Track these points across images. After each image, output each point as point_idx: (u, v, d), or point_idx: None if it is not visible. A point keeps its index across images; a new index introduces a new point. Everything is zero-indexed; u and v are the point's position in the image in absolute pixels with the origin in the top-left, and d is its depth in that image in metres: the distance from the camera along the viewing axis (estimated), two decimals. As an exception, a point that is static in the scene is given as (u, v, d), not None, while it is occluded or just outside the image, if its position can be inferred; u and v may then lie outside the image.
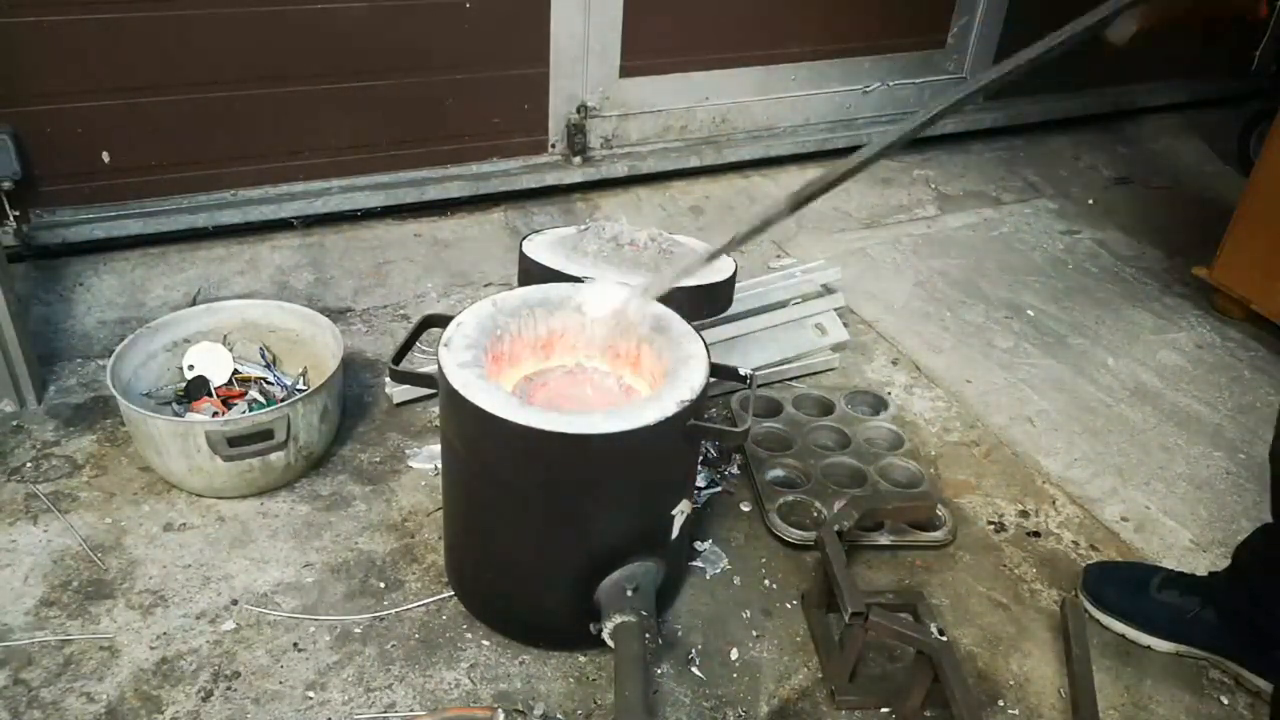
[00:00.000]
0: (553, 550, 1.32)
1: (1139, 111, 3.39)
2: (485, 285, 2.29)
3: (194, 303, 2.03)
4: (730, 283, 1.58)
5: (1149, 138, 3.34)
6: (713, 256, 1.31)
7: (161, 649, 1.36)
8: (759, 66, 2.73)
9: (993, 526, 1.70)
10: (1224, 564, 1.68)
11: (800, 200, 1.14)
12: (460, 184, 2.43)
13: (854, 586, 1.32)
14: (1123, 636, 1.52)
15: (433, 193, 2.41)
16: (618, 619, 1.25)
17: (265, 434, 1.54)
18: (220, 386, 1.73)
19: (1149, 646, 1.50)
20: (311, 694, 1.32)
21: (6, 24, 1.86)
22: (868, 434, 1.85)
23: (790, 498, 1.67)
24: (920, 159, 3.01)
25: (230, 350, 1.78)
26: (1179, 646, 1.49)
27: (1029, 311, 2.36)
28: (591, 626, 1.29)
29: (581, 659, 1.39)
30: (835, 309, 2.13)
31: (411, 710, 1.30)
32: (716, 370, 1.35)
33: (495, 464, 1.27)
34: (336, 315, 2.09)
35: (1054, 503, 1.77)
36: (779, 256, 2.47)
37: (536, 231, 1.71)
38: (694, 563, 1.56)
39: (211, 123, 2.12)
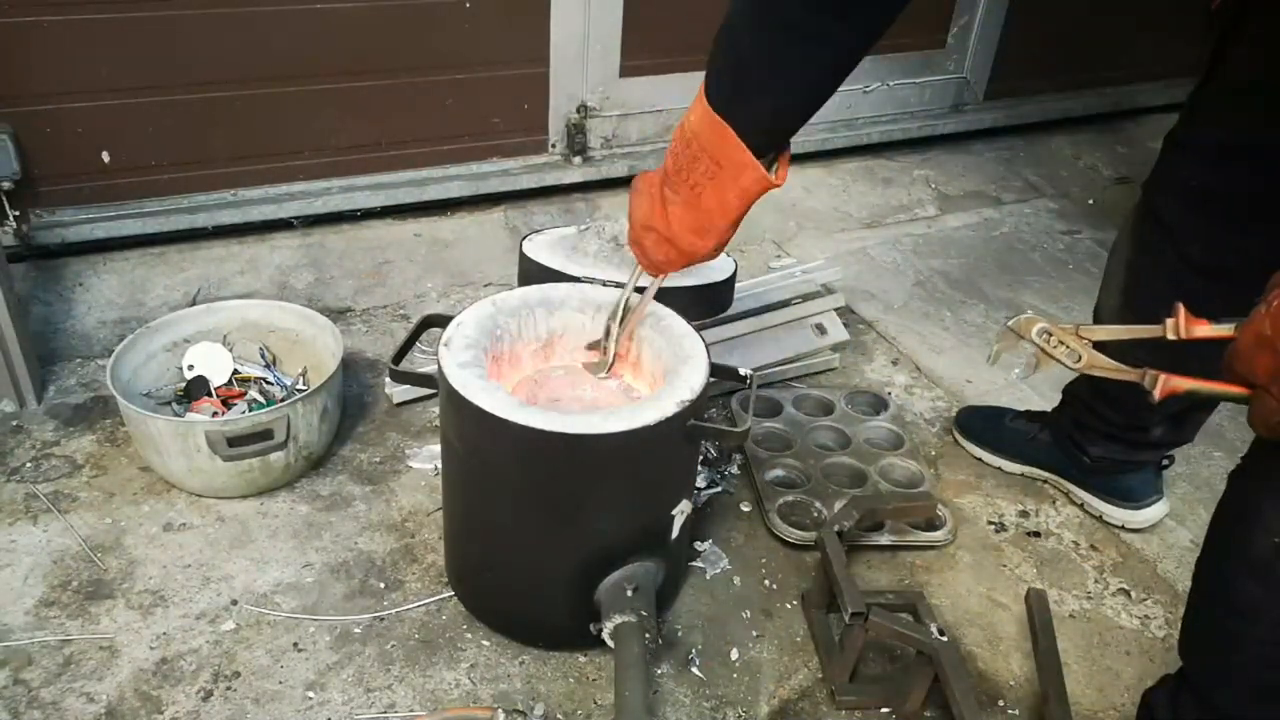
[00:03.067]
0: (553, 550, 1.32)
1: (1139, 111, 3.39)
2: (485, 285, 2.29)
3: (194, 303, 2.03)
4: (730, 283, 1.58)
5: (1149, 138, 3.33)
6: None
7: (161, 649, 1.36)
8: (759, 66, 2.73)
9: (993, 526, 1.70)
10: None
11: None
12: (460, 184, 2.43)
13: (854, 586, 1.32)
14: (980, 460, 1.84)
15: (433, 193, 2.40)
16: (618, 619, 1.25)
17: (265, 434, 1.54)
18: (220, 386, 1.73)
19: (999, 467, 1.81)
20: (311, 694, 1.32)
21: (6, 24, 1.86)
22: (868, 434, 1.85)
23: (790, 498, 1.67)
24: (920, 159, 3.01)
25: (230, 350, 1.77)
26: (1023, 467, 1.80)
27: (1029, 312, 2.35)
28: (591, 626, 1.29)
29: (581, 659, 1.39)
30: (835, 309, 2.13)
31: (411, 710, 1.30)
32: (716, 370, 1.35)
33: (495, 464, 1.27)
34: (336, 315, 2.09)
35: (1054, 503, 1.76)
36: (779, 256, 2.47)
37: (536, 231, 1.71)
38: (694, 563, 1.56)
39: (211, 123, 2.12)
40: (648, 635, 1.25)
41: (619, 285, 1.46)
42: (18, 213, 1.98)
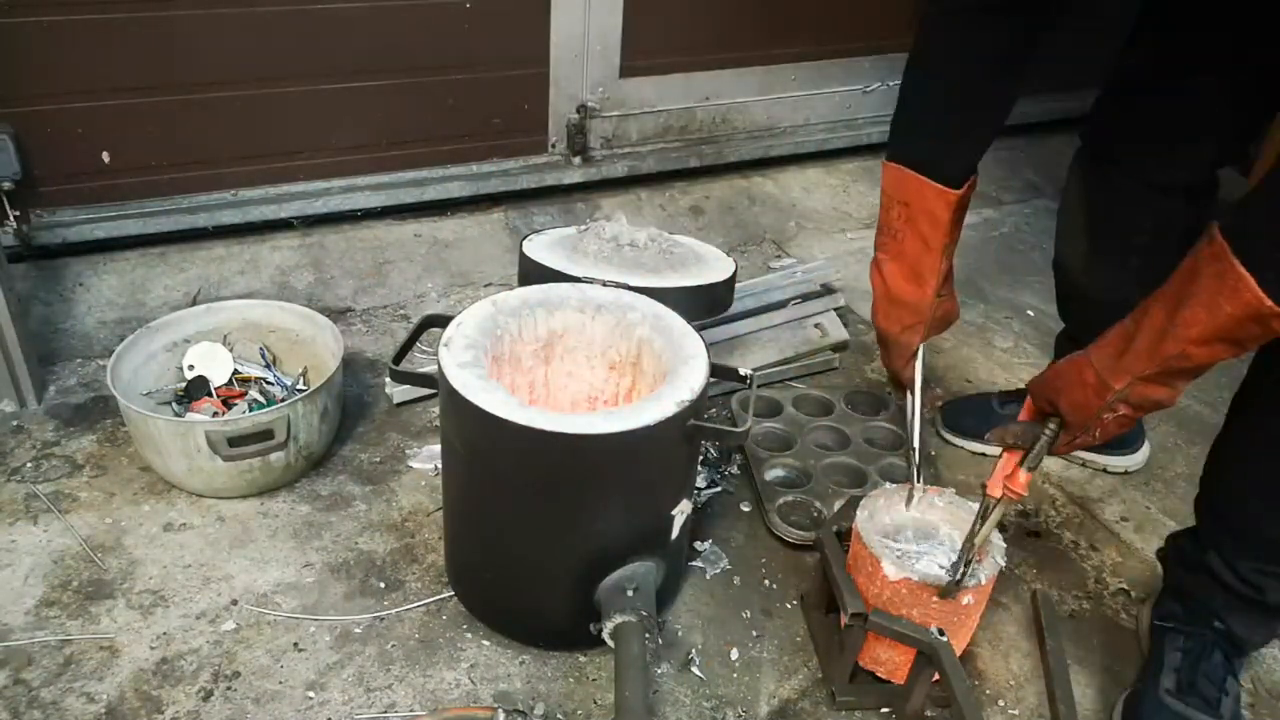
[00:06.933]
0: (553, 550, 1.32)
1: (1139, 111, 3.39)
2: (485, 285, 2.29)
3: (194, 303, 2.03)
4: (730, 283, 1.58)
5: (1149, 138, 3.33)
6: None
7: (161, 649, 1.36)
8: (759, 66, 2.73)
9: (993, 526, 1.70)
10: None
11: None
12: (460, 184, 2.43)
13: (854, 586, 1.32)
14: (983, 454, 1.82)
15: (433, 193, 2.40)
16: (618, 619, 1.25)
17: (265, 434, 1.54)
18: (220, 386, 1.73)
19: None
20: (311, 694, 1.32)
21: (6, 24, 1.86)
22: (868, 434, 1.85)
23: (790, 498, 1.67)
24: (920, 159, 3.00)
25: (230, 350, 1.78)
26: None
27: (1029, 312, 2.36)
28: (591, 626, 1.29)
29: (581, 659, 1.39)
30: (835, 309, 2.13)
31: (411, 710, 1.30)
32: (716, 370, 1.35)
33: (495, 464, 1.27)
34: (336, 315, 2.09)
35: (1054, 503, 1.77)
36: (779, 256, 2.47)
37: (536, 231, 1.72)
38: (694, 563, 1.56)
39: (211, 123, 2.12)
40: (648, 635, 1.25)
41: (619, 285, 1.47)
42: (18, 213, 1.98)
